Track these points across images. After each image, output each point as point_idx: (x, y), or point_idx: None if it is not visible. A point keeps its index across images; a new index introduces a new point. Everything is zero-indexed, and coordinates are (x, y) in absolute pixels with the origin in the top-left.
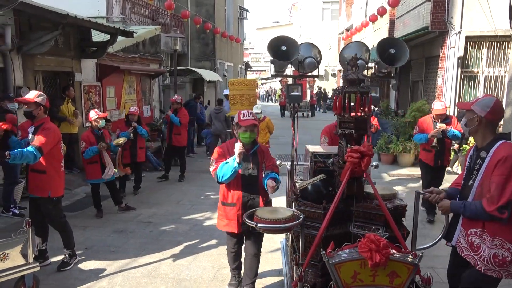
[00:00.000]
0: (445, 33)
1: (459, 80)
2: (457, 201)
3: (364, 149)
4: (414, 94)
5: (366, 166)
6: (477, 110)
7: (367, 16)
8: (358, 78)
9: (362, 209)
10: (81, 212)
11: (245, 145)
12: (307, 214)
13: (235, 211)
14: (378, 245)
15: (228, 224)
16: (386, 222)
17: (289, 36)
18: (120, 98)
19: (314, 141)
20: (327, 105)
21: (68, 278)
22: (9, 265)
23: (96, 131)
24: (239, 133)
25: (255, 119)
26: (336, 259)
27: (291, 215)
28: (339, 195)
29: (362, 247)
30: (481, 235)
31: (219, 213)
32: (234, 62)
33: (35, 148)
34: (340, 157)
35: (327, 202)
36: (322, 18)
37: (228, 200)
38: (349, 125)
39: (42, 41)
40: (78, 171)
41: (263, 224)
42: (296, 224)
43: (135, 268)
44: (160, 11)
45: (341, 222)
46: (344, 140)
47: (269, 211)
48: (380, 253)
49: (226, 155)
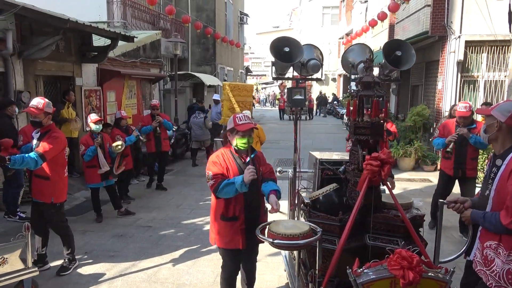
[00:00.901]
0: (445, 37)
1: (459, 85)
2: (478, 211)
3: (384, 157)
4: (414, 98)
5: (386, 175)
6: (497, 115)
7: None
8: (374, 81)
9: (380, 220)
10: (80, 217)
11: (242, 151)
12: (321, 226)
13: (239, 225)
14: (411, 262)
15: (232, 240)
16: (405, 234)
17: (292, 37)
18: (120, 103)
19: (315, 145)
20: (327, 109)
21: (68, 283)
22: (8, 270)
23: (94, 135)
24: (236, 139)
25: (252, 122)
26: (364, 278)
27: (308, 229)
28: (357, 206)
29: (393, 264)
30: (496, 249)
31: (217, 230)
32: (235, 67)
33: (38, 155)
34: (354, 164)
35: (342, 213)
36: (322, 23)
37: (229, 214)
38: (365, 130)
39: (43, 46)
40: (78, 175)
41: (280, 241)
42: (314, 240)
43: (135, 272)
44: (161, 16)
45: (357, 234)
46: (359, 147)
47: (283, 225)
48: (413, 271)
49: (222, 168)
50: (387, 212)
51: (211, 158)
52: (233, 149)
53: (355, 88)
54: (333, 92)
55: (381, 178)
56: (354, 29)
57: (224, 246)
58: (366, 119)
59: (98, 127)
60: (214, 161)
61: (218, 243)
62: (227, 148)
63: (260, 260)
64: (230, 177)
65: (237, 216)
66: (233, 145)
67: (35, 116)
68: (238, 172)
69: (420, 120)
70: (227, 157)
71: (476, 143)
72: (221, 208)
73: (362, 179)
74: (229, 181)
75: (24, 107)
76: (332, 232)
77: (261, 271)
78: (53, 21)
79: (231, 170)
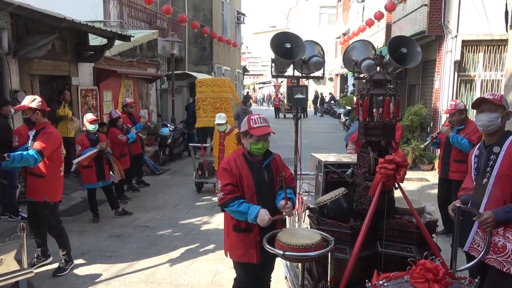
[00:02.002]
0: (442, 37)
1: (456, 84)
2: (499, 209)
3: (400, 160)
4: (411, 98)
5: (402, 178)
6: (506, 106)
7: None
8: (385, 79)
9: (392, 226)
10: (77, 217)
11: (256, 156)
12: (331, 234)
13: (252, 237)
14: (437, 274)
15: (246, 254)
16: (419, 241)
17: (294, 33)
18: (117, 102)
19: (312, 144)
20: (324, 109)
21: (64, 284)
22: (3, 271)
23: (91, 135)
24: (250, 144)
25: (269, 125)
26: None
27: (320, 239)
28: (371, 212)
29: (416, 277)
30: (504, 234)
31: (229, 242)
32: (232, 66)
33: (36, 151)
34: (364, 167)
35: (353, 219)
36: (319, 23)
37: (242, 225)
38: (377, 131)
39: (39, 45)
40: (75, 175)
41: (291, 253)
42: (328, 251)
43: (132, 273)
44: (158, 16)
45: (368, 242)
46: (370, 149)
47: (293, 234)
48: (439, 284)
49: (233, 176)
50: (400, 218)
51: (222, 163)
52: (246, 152)
53: (353, 88)
54: (330, 92)
55: (395, 182)
56: (351, 28)
57: (237, 260)
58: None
59: (94, 127)
60: (225, 167)
61: (231, 255)
62: (240, 151)
63: None
64: (243, 183)
65: (250, 227)
66: (247, 149)
67: (24, 112)
68: (252, 179)
69: (417, 120)
70: (240, 162)
71: (454, 142)
72: (234, 218)
73: (374, 184)
74: (242, 210)
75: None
76: (342, 240)
77: None
78: (49, 20)
79: (244, 176)
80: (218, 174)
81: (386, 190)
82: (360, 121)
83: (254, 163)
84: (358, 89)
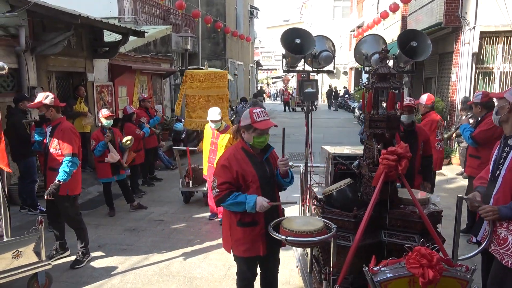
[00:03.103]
0: (459, 28)
1: (474, 77)
2: (505, 206)
3: (402, 151)
4: (427, 91)
5: (404, 169)
6: (509, 98)
7: (378, 13)
8: (390, 72)
9: (396, 216)
10: (93, 211)
11: (255, 149)
12: (335, 223)
13: (258, 230)
14: (431, 260)
15: (252, 248)
16: (422, 230)
17: (303, 28)
18: (132, 98)
19: (326, 139)
20: (338, 103)
21: (81, 276)
22: (23, 263)
23: (105, 130)
24: (253, 137)
25: (270, 119)
26: (381, 277)
27: (323, 226)
28: (373, 202)
29: (411, 262)
30: (508, 226)
31: (234, 237)
32: (245, 61)
33: (69, 156)
34: (369, 159)
35: (357, 209)
36: (333, 16)
37: (247, 219)
38: (381, 124)
39: (55, 42)
40: (91, 170)
41: (293, 238)
42: (329, 237)
43: (147, 266)
44: (171, 11)
45: (372, 231)
46: (374, 141)
47: (297, 221)
48: (433, 269)
49: (233, 173)
50: (404, 208)
51: (221, 160)
52: (246, 146)
53: (367, 81)
54: (344, 86)
55: (398, 173)
56: (365, 21)
57: (242, 255)
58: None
59: (109, 122)
60: (224, 164)
61: (235, 251)
62: (239, 145)
63: None
64: (247, 178)
65: (256, 221)
66: (248, 143)
67: (39, 109)
68: (255, 172)
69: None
70: (240, 157)
71: (461, 133)
72: (238, 214)
73: (377, 174)
74: (239, 200)
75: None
76: (346, 229)
77: None
78: (64, 17)
79: (248, 171)
80: (216, 171)
81: (390, 181)
82: (365, 114)
83: (255, 157)
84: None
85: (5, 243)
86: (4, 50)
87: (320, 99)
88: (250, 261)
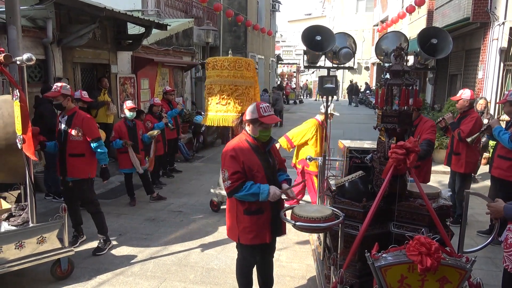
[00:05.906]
0: (487, 24)
1: (502, 74)
2: (510, 205)
3: (410, 145)
4: (452, 88)
5: (412, 163)
6: None
7: (404, 7)
8: (403, 69)
9: (405, 208)
10: (115, 200)
11: (259, 141)
12: (345, 212)
13: (265, 218)
14: (429, 248)
15: (258, 235)
16: (430, 223)
17: (324, 26)
18: (153, 90)
19: (346, 135)
20: (359, 99)
21: (102, 263)
22: (47, 248)
23: (128, 122)
24: (258, 131)
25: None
26: (382, 262)
27: (331, 213)
28: (381, 193)
29: (411, 250)
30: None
31: (241, 226)
32: (266, 55)
33: (97, 141)
34: (381, 153)
35: (366, 200)
36: (356, 10)
37: (253, 208)
38: (393, 119)
39: (81, 34)
40: (113, 160)
41: (301, 223)
42: (336, 223)
43: (166, 255)
44: (193, 4)
45: (381, 222)
46: (386, 135)
47: (307, 209)
48: (431, 257)
49: (240, 164)
50: (413, 201)
51: (228, 151)
52: (250, 138)
53: (388, 77)
54: (365, 81)
55: (406, 167)
56: (389, 15)
57: (250, 242)
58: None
59: (132, 114)
60: (232, 155)
61: (242, 239)
62: (243, 137)
63: (288, 248)
64: (253, 168)
65: (262, 209)
66: (253, 135)
67: (56, 98)
68: (261, 163)
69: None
70: (245, 148)
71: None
72: (245, 203)
73: (387, 167)
74: (253, 192)
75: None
76: (355, 218)
77: (289, 259)
78: (89, 10)
79: (254, 162)
80: (226, 163)
81: (399, 174)
82: (378, 109)
83: (259, 148)
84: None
85: (31, 228)
86: (32, 41)
87: (341, 94)
88: (255, 248)
